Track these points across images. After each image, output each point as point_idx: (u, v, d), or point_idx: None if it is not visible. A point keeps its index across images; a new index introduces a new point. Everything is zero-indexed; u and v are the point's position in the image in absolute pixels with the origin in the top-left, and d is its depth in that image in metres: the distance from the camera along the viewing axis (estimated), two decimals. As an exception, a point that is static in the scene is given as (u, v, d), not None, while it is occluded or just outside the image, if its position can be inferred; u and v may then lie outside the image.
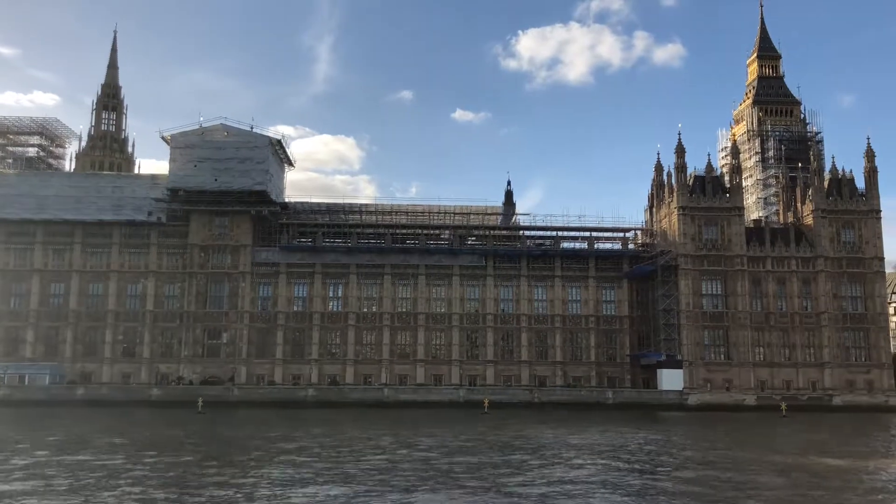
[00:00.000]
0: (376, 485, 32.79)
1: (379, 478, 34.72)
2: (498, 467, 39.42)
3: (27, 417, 71.89)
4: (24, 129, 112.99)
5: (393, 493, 31.12)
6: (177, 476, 35.28)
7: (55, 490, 30.78)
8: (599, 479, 35.65)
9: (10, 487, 31.05)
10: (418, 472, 36.53)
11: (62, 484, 32.23)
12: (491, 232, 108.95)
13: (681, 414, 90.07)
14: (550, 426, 67.48)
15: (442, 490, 32.11)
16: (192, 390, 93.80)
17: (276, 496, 30.27)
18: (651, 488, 33.94)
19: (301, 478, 34.73)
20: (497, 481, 34.57)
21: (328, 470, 37.44)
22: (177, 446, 49.15)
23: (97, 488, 31.25)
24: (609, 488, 33.06)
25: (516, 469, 38.93)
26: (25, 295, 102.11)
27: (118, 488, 31.25)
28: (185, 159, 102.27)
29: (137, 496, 29.80)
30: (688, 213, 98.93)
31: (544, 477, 36.01)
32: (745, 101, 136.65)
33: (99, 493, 30.19)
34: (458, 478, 35.29)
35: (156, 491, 30.94)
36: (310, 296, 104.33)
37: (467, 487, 32.77)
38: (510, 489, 32.37)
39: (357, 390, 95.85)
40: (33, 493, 29.94)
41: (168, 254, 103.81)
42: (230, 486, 32.14)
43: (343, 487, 32.10)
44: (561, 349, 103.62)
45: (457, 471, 37.42)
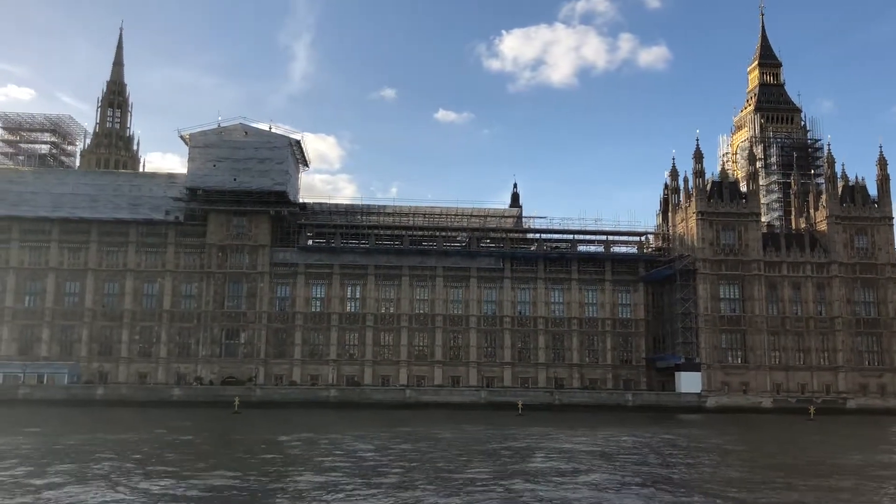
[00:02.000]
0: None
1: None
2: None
3: (59, 418, 71.09)
4: (37, 126, 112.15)
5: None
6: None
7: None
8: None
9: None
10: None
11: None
12: (507, 235, 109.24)
13: (700, 416, 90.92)
14: (600, 427, 67.56)
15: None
16: (213, 390, 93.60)
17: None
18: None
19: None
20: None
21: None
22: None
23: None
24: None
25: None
26: (41, 293, 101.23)
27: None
28: (204, 159, 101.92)
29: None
30: (706, 218, 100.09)
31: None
32: (747, 108, 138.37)
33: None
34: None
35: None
36: (328, 296, 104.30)
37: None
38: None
39: (379, 391, 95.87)
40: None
41: (185, 253, 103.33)
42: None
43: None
44: (578, 352, 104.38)
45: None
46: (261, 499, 29.93)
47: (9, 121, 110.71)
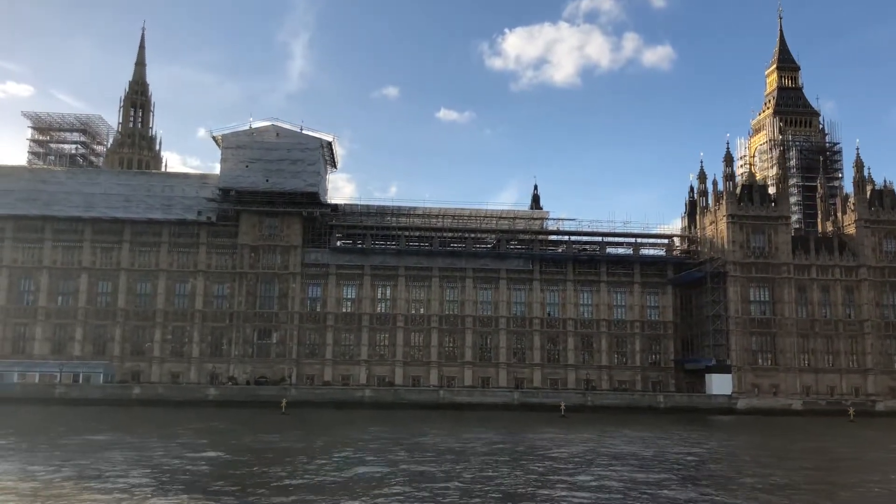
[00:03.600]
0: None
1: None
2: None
3: (107, 418, 71.47)
4: (67, 126, 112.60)
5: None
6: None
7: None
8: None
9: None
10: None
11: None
12: (537, 237, 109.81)
13: (731, 418, 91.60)
14: (649, 430, 67.87)
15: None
16: (248, 390, 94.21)
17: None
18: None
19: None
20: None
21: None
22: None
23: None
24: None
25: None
26: (73, 293, 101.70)
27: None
28: (237, 159, 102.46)
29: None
30: (736, 221, 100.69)
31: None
32: (765, 111, 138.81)
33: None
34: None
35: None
36: (359, 297, 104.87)
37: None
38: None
39: (412, 392, 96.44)
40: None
41: (217, 253, 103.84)
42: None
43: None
44: (607, 353, 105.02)
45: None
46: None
47: (39, 121, 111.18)
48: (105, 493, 29.32)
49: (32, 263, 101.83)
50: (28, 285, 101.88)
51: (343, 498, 29.15)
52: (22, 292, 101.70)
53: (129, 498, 28.28)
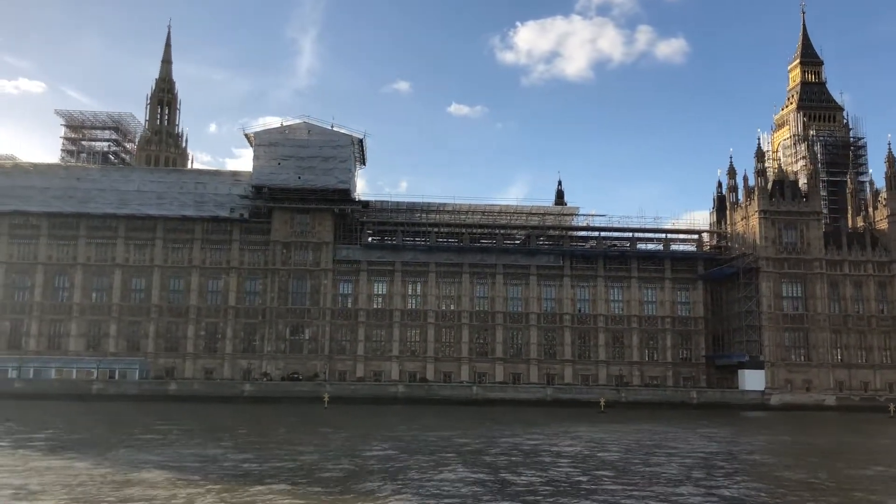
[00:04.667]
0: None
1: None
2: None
3: (154, 414, 72.03)
4: (99, 124, 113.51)
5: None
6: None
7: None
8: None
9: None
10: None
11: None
12: (567, 233, 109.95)
13: (765, 414, 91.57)
14: (690, 425, 67.95)
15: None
16: (283, 386, 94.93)
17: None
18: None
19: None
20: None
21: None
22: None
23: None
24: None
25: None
26: (108, 289, 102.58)
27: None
28: (269, 157, 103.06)
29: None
30: (768, 216, 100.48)
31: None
32: (789, 106, 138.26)
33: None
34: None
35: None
36: (389, 293, 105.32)
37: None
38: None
39: (445, 388, 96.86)
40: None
41: (250, 250, 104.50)
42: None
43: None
44: (638, 349, 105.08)
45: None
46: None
47: (72, 119, 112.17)
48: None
49: (67, 260, 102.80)
50: (63, 282, 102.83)
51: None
52: (57, 289, 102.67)
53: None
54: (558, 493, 29.89)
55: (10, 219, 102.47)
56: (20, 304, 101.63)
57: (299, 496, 28.01)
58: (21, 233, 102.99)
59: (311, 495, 28.25)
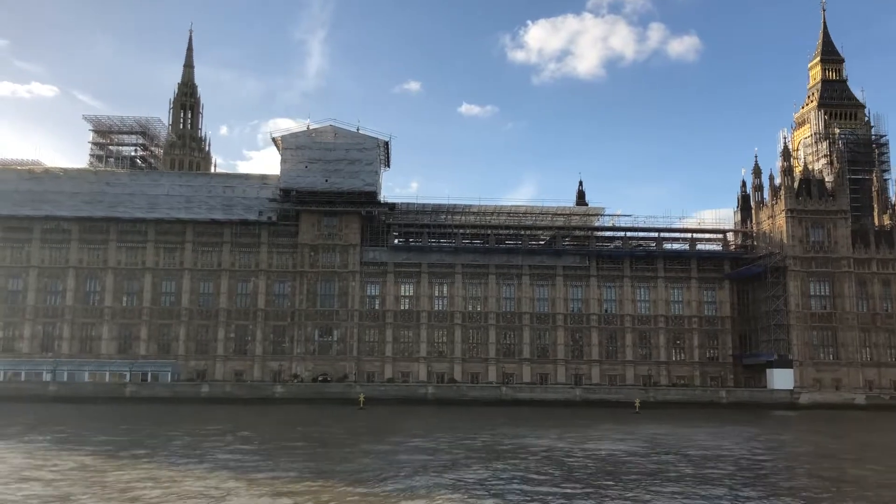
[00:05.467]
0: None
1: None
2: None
3: (198, 416, 72.77)
4: (126, 129, 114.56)
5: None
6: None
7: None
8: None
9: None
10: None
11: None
12: (593, 233, 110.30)
13: (794, 413, 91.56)
14: (730, 424, 68.14)
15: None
16: (314, 387, 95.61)
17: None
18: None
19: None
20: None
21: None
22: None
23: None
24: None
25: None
26: (138, 293, 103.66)
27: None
28: (296, 160, 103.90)
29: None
30: (795, 215, 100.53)
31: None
32: (809, 104, 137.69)
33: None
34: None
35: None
36: (416, 295, 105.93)
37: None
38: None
39: (474, 388, 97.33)
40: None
41: (278, 253, 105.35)
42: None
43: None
44: (665, 349, 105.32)
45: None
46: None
47: (100, 123, 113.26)
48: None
49: (98, 264, 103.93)
50: (94, 286, 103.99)
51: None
52: (88, 293, 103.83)
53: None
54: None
55: (41, 224, 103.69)
56: (52, 308, 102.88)
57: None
58: (52, 237, 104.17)
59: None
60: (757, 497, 29.47)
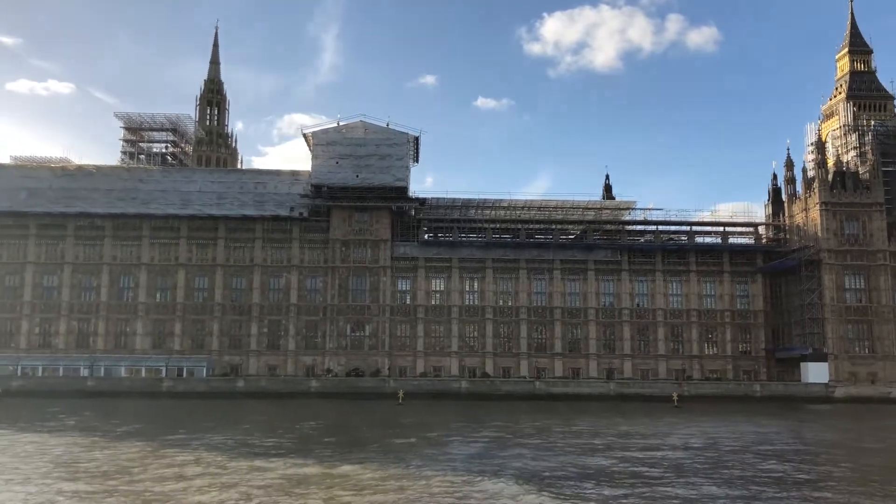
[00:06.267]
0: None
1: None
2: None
3: (251, 410, 73.12)
4: (157, 125, 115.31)
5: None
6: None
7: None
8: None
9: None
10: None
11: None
12: (624, 227, 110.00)
13: (830, 406, 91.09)
14: (773, 418, 67.96)
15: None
16: (348, 382, 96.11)
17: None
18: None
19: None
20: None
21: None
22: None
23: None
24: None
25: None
26: (171, 289, 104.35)
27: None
28: (327, 156, 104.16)
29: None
30: (830, 208, 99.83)
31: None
32: (837, 96, 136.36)
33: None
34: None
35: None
36: (447, 290, 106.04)
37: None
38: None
39: (508, 383, 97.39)
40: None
41: (310, 248, 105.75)
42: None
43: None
44: (697, 343, 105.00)
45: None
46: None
47: (131, 121, 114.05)
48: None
49: (132, 260, 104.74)
50: (128, 282, 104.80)
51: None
52: (122, 289, 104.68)
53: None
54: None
55: (75, 220, 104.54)
56: (87, 305, 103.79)
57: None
58: (86, 234, 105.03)
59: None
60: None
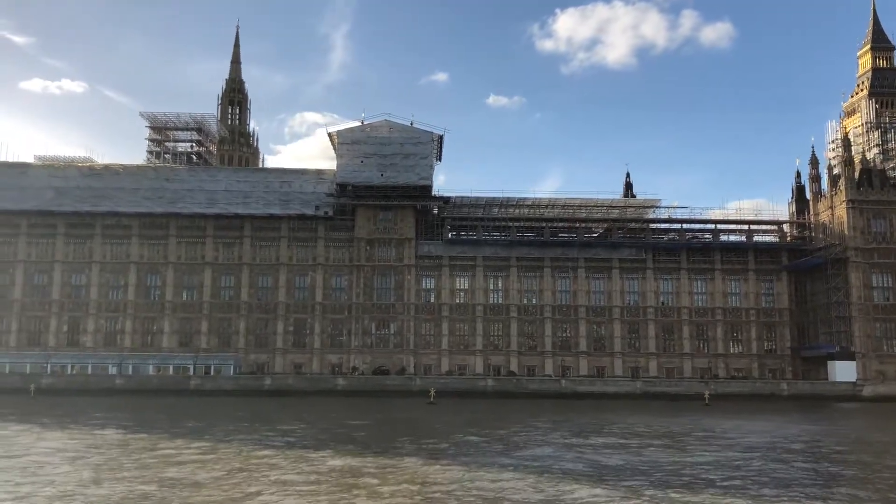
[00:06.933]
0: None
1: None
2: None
3: (291, 408, 73.54)
4: (182, 125, 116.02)
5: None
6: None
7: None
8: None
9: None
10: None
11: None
12: (648, 225, 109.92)
13: (857, 405, 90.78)
14: (808, 417, 67.80)
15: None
16: (374, 380, 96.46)
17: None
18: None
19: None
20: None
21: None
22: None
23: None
24: None
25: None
26: (198, 287, 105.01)
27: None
28: (352, 155, 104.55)
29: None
30: (856, 206, 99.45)
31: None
32: (859, 93, 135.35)
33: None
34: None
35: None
36: (471, 288, 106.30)
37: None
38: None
39: (534, 381, 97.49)
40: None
41: (335, 247, 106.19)
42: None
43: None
44: (723, 341, 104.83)
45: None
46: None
47: (156, 120, 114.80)
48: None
49: (158, 259, 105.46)
50: (155, 280, 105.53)
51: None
52: (149, 287, 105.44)
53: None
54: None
55: (102, 220, 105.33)
56: (115, 303, 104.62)
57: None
58: (113, 233, 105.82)
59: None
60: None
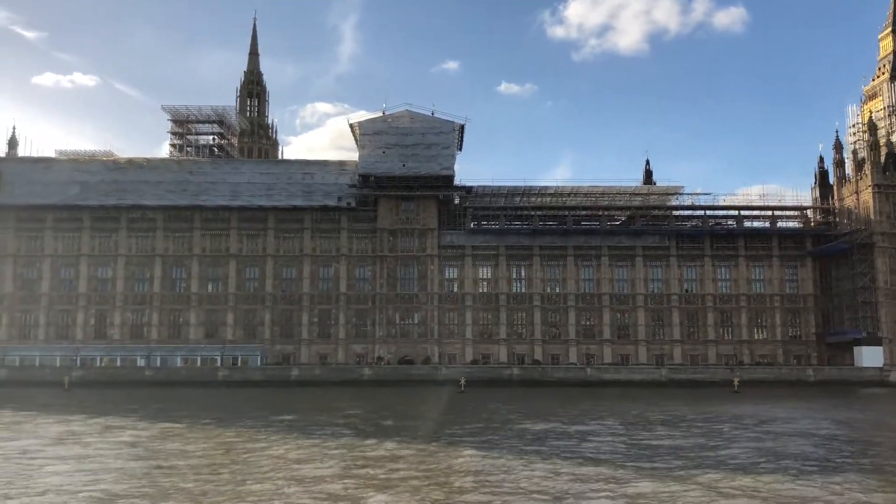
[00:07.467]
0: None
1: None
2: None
3: (325, 398, 73.99)
4: (204, 118, 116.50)
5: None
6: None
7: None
8: None
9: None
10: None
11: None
12: (672, 212, 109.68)
13: (884, 390, 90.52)
14: (844, 403, 67.77)
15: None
16: (401, 370, 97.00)
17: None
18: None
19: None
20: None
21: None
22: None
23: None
24: None
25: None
26: (223, 279, 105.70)
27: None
28: (374, 146, 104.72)
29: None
30: (882, 190, 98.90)
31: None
32: (881, 77, 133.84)
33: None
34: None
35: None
36: (494, 277, 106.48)
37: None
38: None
39: (559, 370, 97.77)
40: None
41: (358, 238, 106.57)
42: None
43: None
44: (747, 328, 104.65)
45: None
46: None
47: (178, 113, 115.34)
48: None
49: (184, 252, 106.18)
50: (180, 273, 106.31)
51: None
52: (175, 280, 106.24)
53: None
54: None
55: (127, 213, 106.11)
56: (141, 296, 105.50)
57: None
58: (138, 226, 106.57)
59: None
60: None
